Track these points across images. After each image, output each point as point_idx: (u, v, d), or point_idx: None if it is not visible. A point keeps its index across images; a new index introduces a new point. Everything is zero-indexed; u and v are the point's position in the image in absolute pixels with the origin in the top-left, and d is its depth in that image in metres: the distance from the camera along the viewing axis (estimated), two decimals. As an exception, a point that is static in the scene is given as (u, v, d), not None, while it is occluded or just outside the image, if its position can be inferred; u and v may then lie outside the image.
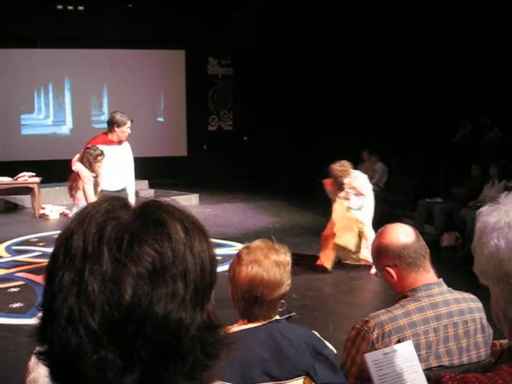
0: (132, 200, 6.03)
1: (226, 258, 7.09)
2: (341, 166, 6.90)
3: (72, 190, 6.30)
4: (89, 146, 6.38)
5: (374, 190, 10.82)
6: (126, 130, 6.48)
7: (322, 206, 11.21)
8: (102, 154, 6.27)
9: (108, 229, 0.73)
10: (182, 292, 0.73)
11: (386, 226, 2.39)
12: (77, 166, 6.24)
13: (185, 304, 0.73)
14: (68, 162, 6.46)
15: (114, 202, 0.78)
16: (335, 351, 2.11)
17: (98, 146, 6.39)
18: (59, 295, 0.72)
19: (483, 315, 2.27)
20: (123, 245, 0.72)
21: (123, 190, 6.51)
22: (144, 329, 0.70)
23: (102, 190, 6.31)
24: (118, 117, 6.49)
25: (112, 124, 6.48)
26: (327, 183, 7.24)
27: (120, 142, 6.58)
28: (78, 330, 0.70)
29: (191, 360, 0.74)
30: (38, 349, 0.75)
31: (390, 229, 2.35)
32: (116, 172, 6.51)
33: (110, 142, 6.51)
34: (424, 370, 2.03)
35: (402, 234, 2.30)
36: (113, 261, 0.71)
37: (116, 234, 0.73)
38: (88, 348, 0.69)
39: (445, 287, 2.29)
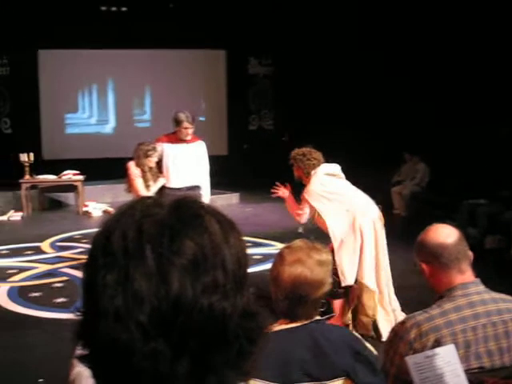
0: (206, 200, 6.05)
1: (266, 257, 7.12)
2: None
3: (128, 187, 6.44)
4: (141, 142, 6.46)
5: (416, 191, 10.76)
6: (183, 130, 6.32)
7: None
8: (152, 149, 6.30)
9: (146, 226, 0.75)
10: (222, 281, 0.75)
11: (435, 224, 2.43)
12: (128, 163, 6.36)
13: (226, 293, 0.75)
14: (110, 161, 6.56)
15: (146, 200, 0.81)
16: (376, 352, 2.10)
17: (162, 144, 6.42)
18: (104, 295, 0.73)
19: None
20: (164, 239, 0.74)
21: (190, 188, 6.34)
22: (191, 319, 0.72)
23: (164, 187, 6.36)
24: (176, 115, 6.38)
25: (174, 122, 6.41)
26: None
27: (187, 141, 6.43)
28: (127, 325, 0.71)
29: (236, 347, 0.76)
30: (79, 352, 0.77)
31: (435, 227, 2.40)
32: (178, 170, 6.42)
33: (174, 141, 6.43)
34: (465, 371, 2.01)
35: (443, 234, 2.33)
36: (156, 256, 0.73)
37: (156, 229, 0.75)
38: (139, 341, 0.71)
39: (482, 287, 2.28)
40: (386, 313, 4.84)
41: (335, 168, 5.27)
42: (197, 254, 0.74)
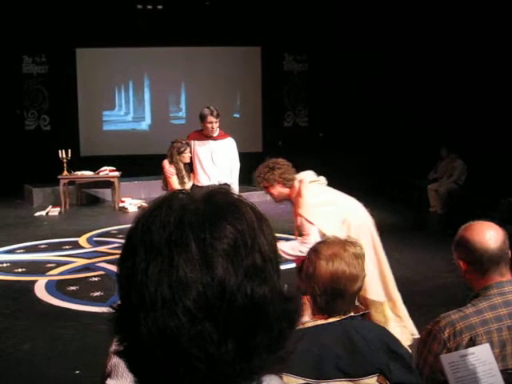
0: None
1: (299, 254, 7.08)
2: None
3: (164, 185, 6.51)
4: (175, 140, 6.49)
5: (453, 188, 10.61)
6: (208, 124, 6.29)
7: (384, 207, 11.06)
8: (184, 146, 6.34)
9: (187, 215, 0.77)
10: (261, 265, 0.78)
11: (480, 221, 2.31)
12: (163, 161, 6.42)
13: (265, 277, 0.78)
14: (146, 157, 6.63)
15: (178, 193, 0.83)
16: (410, 351, 2.08)
17: (190, 141, 6.44)
18: (149, 285, 0.74)
19: None
20: (206, 227, 0.76)
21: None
22: (234, 302, 0.74)
23: (193, 185, 6.39)
24: (202, 111, 6.34)
25: (199, 119, 6.38)
26: None
27: (215, 138, 6.40)
28: (175, 312, 0.73)
29: (277, 330, 0.78)
30: (115, 347, 0.79)
31: (480, 226, 2.28)
32: (205, 168, 6.43)
33: (202, 138, 6.43)
34: (501, 371, 1.98)
35: (488, 236, 2.22)
36: (199, 242, 0.75)
37: (196, 218, 0.77)
38: (186, 326, 0.73)
39: None
40: (399, 319, 4.65)
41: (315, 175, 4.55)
42: (237, 238, 0.77)
